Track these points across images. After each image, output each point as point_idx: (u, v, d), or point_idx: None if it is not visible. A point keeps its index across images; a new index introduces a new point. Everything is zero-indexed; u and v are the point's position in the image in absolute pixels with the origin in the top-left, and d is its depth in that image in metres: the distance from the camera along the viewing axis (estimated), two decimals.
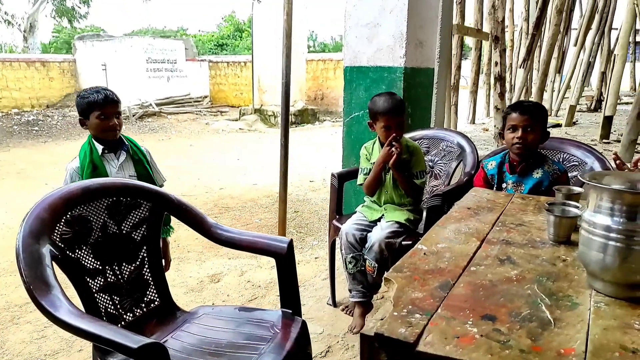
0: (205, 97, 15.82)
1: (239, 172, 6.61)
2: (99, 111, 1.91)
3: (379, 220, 2.42)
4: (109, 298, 1.46)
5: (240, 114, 12.82)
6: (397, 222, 2.34)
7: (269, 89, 12.15)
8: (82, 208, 1.42)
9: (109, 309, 1.45)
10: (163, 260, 2.23)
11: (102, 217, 1.48)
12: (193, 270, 3.29)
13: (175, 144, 9.29)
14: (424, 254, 1.15)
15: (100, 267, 1.46)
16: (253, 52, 12.59)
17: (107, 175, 1.94)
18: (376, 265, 2.28)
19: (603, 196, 0.92)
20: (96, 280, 1.43)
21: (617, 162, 1.66)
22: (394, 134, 2.26)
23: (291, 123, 11.92)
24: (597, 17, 6.63)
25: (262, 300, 2.85)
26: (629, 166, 1.66)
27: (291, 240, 1.61)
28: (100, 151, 1.96)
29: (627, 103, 7.35)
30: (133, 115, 12.07)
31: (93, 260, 1.43)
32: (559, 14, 4.35)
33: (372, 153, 2.46)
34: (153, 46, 14.63)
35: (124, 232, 1.54)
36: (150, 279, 1.59)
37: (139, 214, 1.57)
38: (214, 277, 3.19)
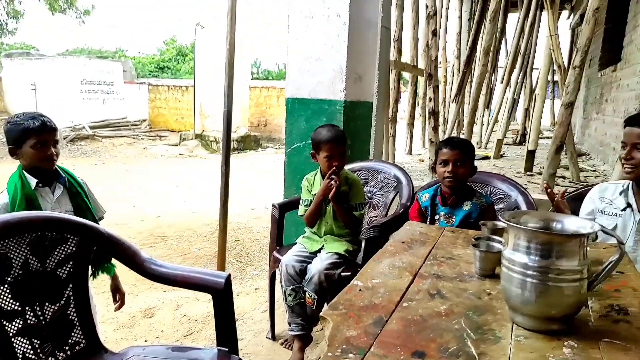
0: (144, 120, 15.36)
1: (178, 199, 6.42)
2: (35, 139, 1.75)
3: (319, 251, 2.43)
4: (27, 342, 1.35)
5: (180, 138, 12.54)
6: (337, 253, 2.36)
7: (211, 115, 12.01)
8: (1, 244, 1.32)
9: (27, 354, 1.34)
10: (117, 295, 2.18)
11: (24, 253, 1.39)
12: (124, 305, 3.12)
13: (110, 169, 8.89)
14: (360, 289, 1.18)
15: (20, 308, 1.35)
16: (195, 77, 12.47)
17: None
18: (315, 297, 2.28)
19: (520, 235, 0.99)
20: (14, 323, 1.32)
21: (549, 191, 1.79)
22: (334, 167, 2.31)
23: (234, 149, 11.85)
24: (519, 58, 7.20)
25: (199, 335, 2.75)
26: (557, 197, 1.80)
27: (229, 275, 1.58)
28: (33, 185, 1.79)
29: (548, 137, 7.97)
30: (64, 138, 11.46)
31: (11, 300, 1.33)
32: (485, 55, 4.70)
33: (314, 184, 2.50)
34: (89, 67, 14.09)
35: (48, 269, 1.44)
36: (76, 319, 1.50)
37: (66, 249, 1.49)
38: (148, 311, 3.04)
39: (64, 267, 1.48)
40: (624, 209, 1.80)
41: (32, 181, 1.79)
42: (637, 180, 1.80)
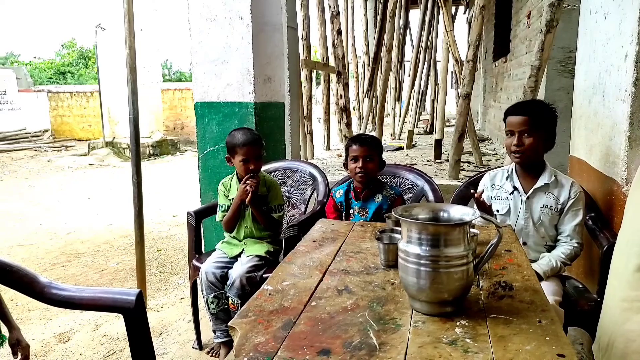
0: (46, 131, 14.21)
1: (91, 212, 6.04)
2: None
3: (239, 255, 2.42)
4: None
5: (89, 148, 11.76)
6: (257, 256, 2.37)
7: (122, 120, 11.39)
8: None
9: None
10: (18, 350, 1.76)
11: None
12: (37, 332, 2.90)
13: (10, 186, 8.13)
14: (270, 294, 1.20)
15: None
16: (100, 82, 11.73)
17: None
18: (239, 301, 2.27)
19: (412, 228, 1.06)
20: None
21: (475, 195, 1.88)
22: (251, 171, 2.32)
23: (150, 155, 11.35)
24: (421, 53, 7.62)
25: (121, 354, 2.63)
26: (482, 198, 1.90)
27: (140, 292, 1.53)
28: None
29: (454, 125, 8.54)
30: None
31: None
32: (388, 52, 4.92)
33: (230, 189, 2.48)
34: None
35: None
36: None
37: None
38: (63, 335, 2.84)
39: None
40: (512, 193, 1.98)
41: None
42: (520, 164, 2.00)
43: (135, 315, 1.49)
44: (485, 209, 1.90)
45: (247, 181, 2.30)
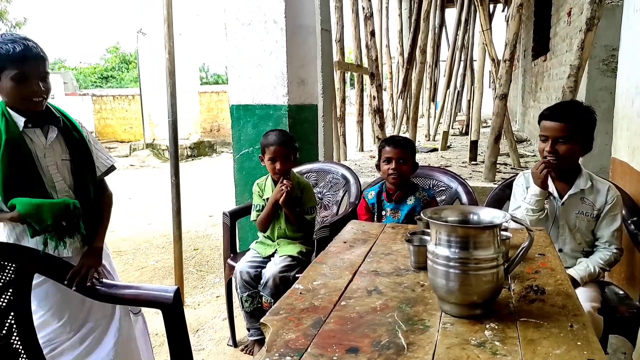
0: (90, 133, 14.81)
1: (131, 211, 6.27)
2: (17, 70, 1.44)
3: (272, 255, 2.47)
4: None
5: (130, 149, 12.19)
6: (290, 256, 2.41)
7: (161, 123, 11.75)
8: None
9: None
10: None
11: None
12: None
13: None
14: (300, 293, 1.23)
15: None
16: (141, 85, 12.15)
17: (30, 158, 1.51)
18: (272, 300, 2.32)
19: (441, 230, 1.07)
20: None
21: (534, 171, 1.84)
22: (278, 171, 2.36)
23: (187, 156, 11.65)
24: (459, 52, 7.50)
25: (160, 349, 2.73)
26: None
27: (178, 289, 1.59)
28: (21, 125, 1.52)
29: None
30: None
31: None
32: (422, 53, 4.88)
33: (265, 189, 2.53)
34: None
35: None
36: (21, 347, 1.47)
37: (3, 277, 1.45)
38: None
39: (3, 296, 1.44)
40: (547, 198, 1.93)
41: (20, 120, 1.52)
42: (553, 171, 1.94)
43: (173, 311, 1.55)
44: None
45: (284, 181, 2.35)
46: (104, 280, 1.63)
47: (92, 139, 1.79)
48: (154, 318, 3.07)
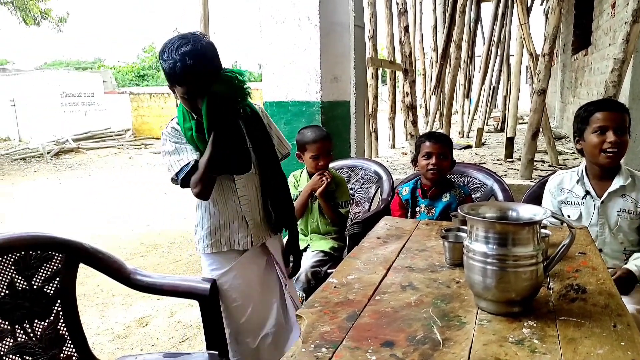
0: (128, 130, 15.28)
1: (166, 206, 6.43)
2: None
3: (305, 250, 2.49)
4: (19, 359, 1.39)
5: None
6: (322, 251, 2.42)
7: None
8: None
9: None
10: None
11: (9, 274, 1.42)
12: (119, 316, 3.15)
13: (96, 181, 8.85)
14: (335, 286, 1.24)
15: (9, 327, 1.39)
16: None
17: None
18: (304, 295, 2.34)
19: (478, 226, 1.06)
20: (4, 343, 1.36)
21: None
22: (321, 167, 2.39)
23: None
24: (495, 47, 7.32)
25: (194, 340, 2.80)
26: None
27: (214, 281, 1.64)
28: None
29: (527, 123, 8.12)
30: (48, 153, 11.37)
31: (0, 320, 1.37)
32: (457, 49, 4.80)
33: (300, 181, 2.56)
34: (68, 79, 13.98)
35: (35, 287, 1.48)
36: (67, 333, 1.54)
37: (51, 266, 1.53)
38: (142, 320, 3.08)
39: (51, 284, 1.52)
40: (584, 197, 1.87)
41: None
42: (588, 167, 1.87)
43: (209, 302, 1.60)
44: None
45: (325, 173, 2.38)
46: (145, 272, 1.69)
47: (270, 123, 1.83)
48: (188, 309, 3.16)
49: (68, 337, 1.54)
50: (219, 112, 1.55)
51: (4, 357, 1.36)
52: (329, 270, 2.34)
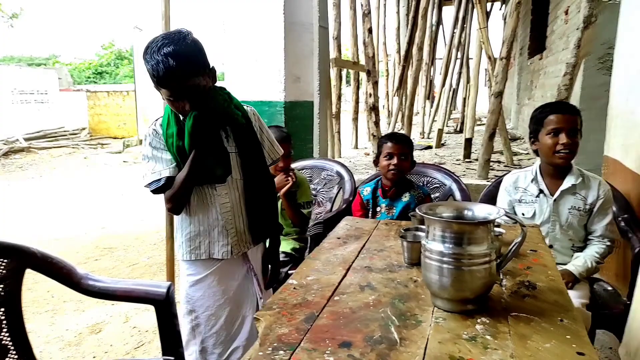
0: (83, 129, 14.74)
1: (124, 208, 6.24)
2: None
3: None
4: None
5: (124, 145, 12.14)
6: (283, 252, 2.41)
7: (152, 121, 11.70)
8: None
9: None
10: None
11: None
12: (70, 322, 3.03)
13: (49, 182, 8.49)
14: (294, 288, 1.23)
15: None
16: (135, 81, 12.10)
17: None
18: None
19: (435, 226, 1.07)
20: None
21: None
22: (280, 168, 2.37)
23: None
24: (455, 50, 7.50)
25: (150, 346, 2.72)
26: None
27: (170, 284, 1.59)
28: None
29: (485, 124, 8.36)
30: None
31: None
32: (419, 50, 4.89)
33: None
34: (20, 76, 13.34)
35: None
36: (10, 343, 1.46)
37: None
38: (95, 327, 2.96)
39: None
40: (537, 195, 1.94)
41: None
42: (542, 167, 1.95)
43: (165, 306, 1.55)
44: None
45: (290, 173, 2.36)
46: (97, 276, 1.62)
47: (263, 128, 1.74)
48: (143, 314, 3.07)
49: (12, 347, 1.46)
50: (202, 133, 1.51)
51: None
52: (289, 272, 2.32)
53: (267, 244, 1.85)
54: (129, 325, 2.94)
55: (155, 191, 1.61)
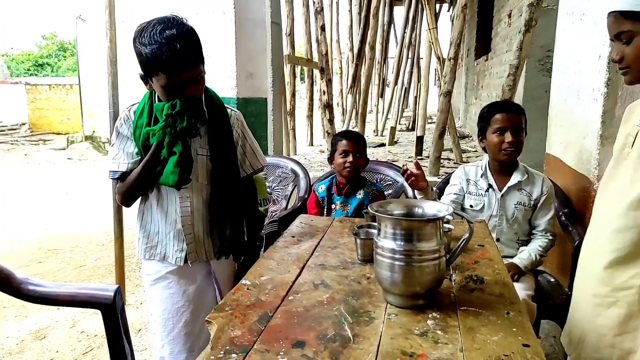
0: (23, 124, 13.91)
1: (69, 207, 5.95)
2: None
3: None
4: None
5: (68, 142, 11.56)
6: None
7: (102, 114, 11.22)
8: None
9: None
10: None
11: None
12: (12, 329, 2.86)
13: None
14: (247, 288, 1.21)
15: None
16: (80, 74, 11.53)
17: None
18: None
19: (387, 223, 1.09)
20: None
21: (408, 172, 1.81)
22: None
23: None
24: (405, 50, 7.67)
25: (99, 351, 2.61)
26: (414, 170, 1.83)
27: (118, 287, 1.52)
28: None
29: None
30: None
31: None
32: (371, 49, 4.96)
33: None
34: None
35: None
36: None
37: None
38: (39, 333, 2.81)
39: None
40: (487, 190, 2.03)
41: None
42: (490, 163, 2.04)
43: (113, 311, 1.48)
44: (417, 185, 1.82)
45: None
46: (37, 281, 1.53)
47: (244, 130, 1.64)
48: (92, 318, 2.94)
49: None
50: (183, 124, 1.41)
51: None
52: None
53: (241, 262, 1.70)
54: (77, 330, 2.82)
55: (112, 179, 1.58)
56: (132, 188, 1.54)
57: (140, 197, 1.61)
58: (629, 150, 1.26)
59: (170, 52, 1.32)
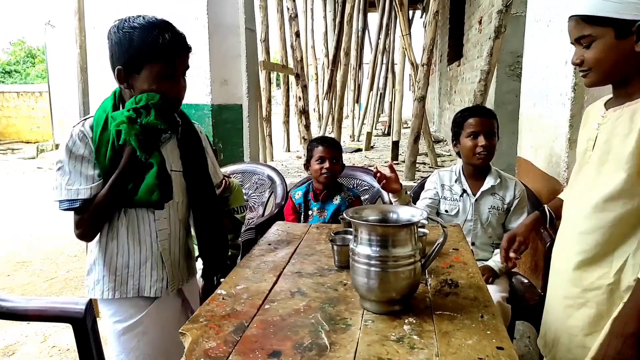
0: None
1: (40, 218, 5.78)
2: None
3: (197, 259, 2.39)
4: None
5: (38, 150, 11.25)
6: None
7: (73, 122, 10.96)
8: None
9: None
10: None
11: None
12: None
13: None
14: (222, 298, 1.19)
15: None
16: (49, 82, 11.25)
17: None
18: None
19: (362, 229, 1.09)
20: None
21: (378, 175, 1.83)
22: None
23: None
24: (379, 56, 7.74)
25: None
26: (387, 172, 1.86)
27: (90, 301, 1.48)
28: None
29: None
30: None
31: None
32: (346, 55, 5.00)
33: None
34: None
35: None
36: None
37: None
38: (8, 349, 2.71)
39: None
40: (462, 195, 2.05)
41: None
42: (464, 167, 2.07)
43: (85, 325, 1.44)
44: (389, 187, 1.85)
45: (223, 178, 2.31)
46: (3, 296, 1.47)
47: (208, 148, 1.56)
48: (64, 332, 2.85)
49: None
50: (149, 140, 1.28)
51: None
52: (222, 279, 2.27)
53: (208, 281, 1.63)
54: (48, 345, 2.73)
55: (66, 210, 1.34)
56: (101, 215, 1.33)
57: None
58: (590, 154, 1.30)
59: (174, 35, 1.25)
